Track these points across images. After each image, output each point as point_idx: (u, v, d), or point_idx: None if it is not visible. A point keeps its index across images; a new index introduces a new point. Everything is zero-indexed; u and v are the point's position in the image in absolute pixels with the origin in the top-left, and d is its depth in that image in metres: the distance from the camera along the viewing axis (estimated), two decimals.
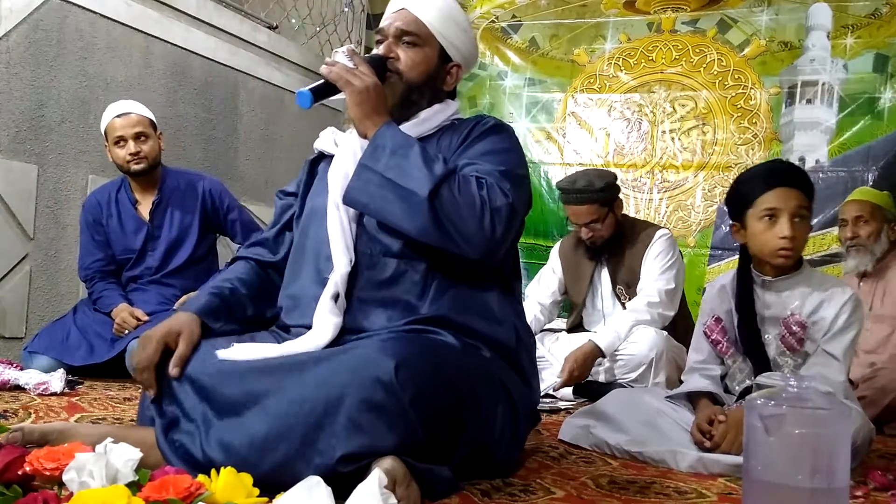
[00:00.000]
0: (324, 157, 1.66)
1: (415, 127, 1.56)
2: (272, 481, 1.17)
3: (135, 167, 2.79)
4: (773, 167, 1.90)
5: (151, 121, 2.85)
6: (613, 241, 2.95)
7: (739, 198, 1.86)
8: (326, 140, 1.65)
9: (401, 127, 1.52)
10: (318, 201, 1.58)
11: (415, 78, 1.56)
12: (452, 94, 1.68)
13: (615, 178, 2.97)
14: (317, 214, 1.56)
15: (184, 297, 2.76)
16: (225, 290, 1.56)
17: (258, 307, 1.60)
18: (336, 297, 1.44)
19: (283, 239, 1.67)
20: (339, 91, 1.45)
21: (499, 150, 1.52)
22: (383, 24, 1.60)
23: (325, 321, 1.41)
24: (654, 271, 2.86)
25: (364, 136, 1.47)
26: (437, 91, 1.62)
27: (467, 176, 1.42)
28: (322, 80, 1.47)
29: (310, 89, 1.46)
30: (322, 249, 1.51)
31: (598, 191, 2.87)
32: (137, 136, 2.77)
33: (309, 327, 1.43)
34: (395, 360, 1.22)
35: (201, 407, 1.32)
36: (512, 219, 1.43)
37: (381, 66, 1.53)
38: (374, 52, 1.59)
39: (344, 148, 1.54)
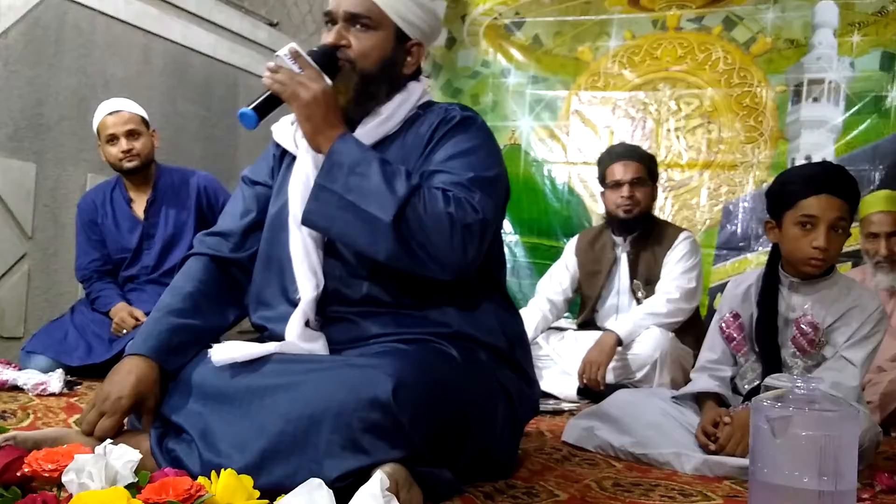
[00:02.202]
0: (286, 152, 1.55)
1: (377, 127, 1.46)
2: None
3: (127, 164, 2.77)
4: (820, 171, 1.80)
5: (143, 118, 2.83)
6: (638, 229, 2.95)
7: (780, 197, 1.80)
8: (286, 134, 1.53)
9: (363, 128, 1.45)
10: (278, 210, 1.50)
11: (369, 67, 1.44)
12: (417, 74, 1.55)
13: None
14: (278, 226, 1.48)
15: None
16: (184, 310, 1.43)
17: (219, 317, 1.49)
18: (307, 322, 1.38)
19: (252, 237, 1.54)
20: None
21: (465, 151, 1.41)
22: (331, 5, 1.46)
23: (306, 346, 1.35)
24: (676, 271, 2.87)
25: (318, 152, 1.38)
26: (397, 77, 1.49)
27: (434, 191, 1.32)
28: (265, 94, 1.37)
29: (252, 107, 1.35)
30: (287, 266, 1.43)
31: (648, 156, 3.03)
32: (129, 134, 2.76)
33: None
34: (394, 380, 1.18)
35: (197, 422, 1.29)
36: (485, 233, 1.35)
37: (331, 57, 1.41)
38: (323, 39, 1.46)
39: (304, 153, 1.44)
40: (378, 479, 1.09)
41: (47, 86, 2.91)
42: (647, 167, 2.96)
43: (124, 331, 2.64)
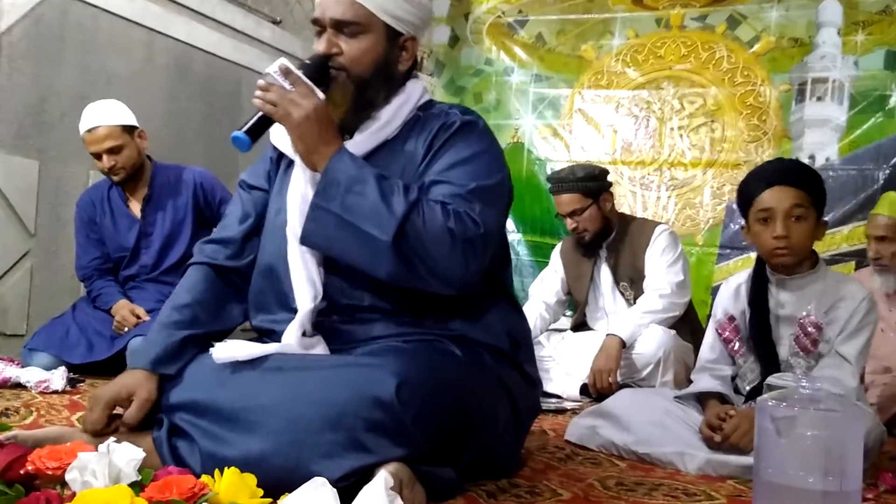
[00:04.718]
0: (284, 155, 1.52)
1: (375, 133, 1.43)
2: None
3: (114, 178, 2.75)
4: (771, 166, 1.89)
5: (123, 126, 2.72)
6: (608, 237, 2.95)
7: (742, 199, 1.86)
8: (284, 138, 1.45)
9: (361, 133, 1.42)
10: (275, 217, 1.47)
11: (364, 72, 1.40)
12: (413, 68, 1.50)
13: (602, 172, 2.99)
14: (275, 233, 1.45)
15: None
16: (183, 322, 1.41)
17: (221, 323, 1.48)
18: (304, 333, 1.36)
19: (251, 243, 1.52)
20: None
21: (466, 160, 1.38)
22: (317, 13, 1.41)
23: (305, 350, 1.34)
24: (662, 265, 2.86)
25: (314, 171, 1.35)
26: (393, 77, 1.45)
27: (433, 205, 1.30)
28: (257, 115, 1.33)
29: (245, 131, 1.31)
30: (285, 274, 1.40)
31: (578, 180, 2.90)
32: (109, 150, 2.69)
33: None
34: (397, 379, 1.17)
35: (198, 423, 1.28)
36: (486, 246, 1.34)
37: (323, 68, 1.38)
38: (315, 48, 1.42)
39: (301, 164, 1.40)
40: (382, 479, 1.09)
41: (50, 83, 2.91)
42: (579, 192, 2.87)
43: (126, 328, 2.63)
